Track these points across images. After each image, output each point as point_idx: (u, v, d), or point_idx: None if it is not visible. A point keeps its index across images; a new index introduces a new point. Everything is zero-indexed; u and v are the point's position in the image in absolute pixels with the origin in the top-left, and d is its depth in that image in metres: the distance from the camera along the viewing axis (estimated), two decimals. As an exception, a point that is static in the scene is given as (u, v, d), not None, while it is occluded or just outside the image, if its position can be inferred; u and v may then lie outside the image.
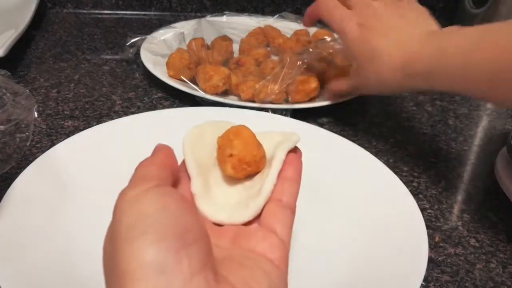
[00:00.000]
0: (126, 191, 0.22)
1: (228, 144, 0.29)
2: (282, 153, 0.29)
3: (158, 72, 0.60)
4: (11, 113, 0.41)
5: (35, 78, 0.62)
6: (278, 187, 0.28)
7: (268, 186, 0.27)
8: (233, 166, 0.29)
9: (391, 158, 0.52)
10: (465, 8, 0.76)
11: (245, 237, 0.26)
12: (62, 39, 0.75)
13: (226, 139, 0.29)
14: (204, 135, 0.32)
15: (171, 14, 0.88)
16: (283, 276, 0.24)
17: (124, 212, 0.21)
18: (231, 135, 0.29)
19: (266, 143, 0.30)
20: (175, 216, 0.20)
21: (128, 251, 0.19)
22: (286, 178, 0.29)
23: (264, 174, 0.29)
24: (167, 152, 0.27)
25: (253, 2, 0.89)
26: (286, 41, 0.71)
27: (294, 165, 0.29)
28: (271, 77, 0.56)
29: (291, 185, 0.28)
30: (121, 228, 0.20)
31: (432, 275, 0.37)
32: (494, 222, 0.44)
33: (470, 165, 0.53)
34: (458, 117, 0.62)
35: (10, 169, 0.40)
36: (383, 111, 0.62)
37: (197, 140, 0.31)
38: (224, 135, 0.30)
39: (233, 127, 0.30)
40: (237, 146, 0.28)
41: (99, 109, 0.56)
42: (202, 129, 0.32)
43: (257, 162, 0.29)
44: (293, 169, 0.29)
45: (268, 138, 0.31)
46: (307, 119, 0.54)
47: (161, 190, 0.22)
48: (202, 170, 0.29)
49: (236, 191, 0.29)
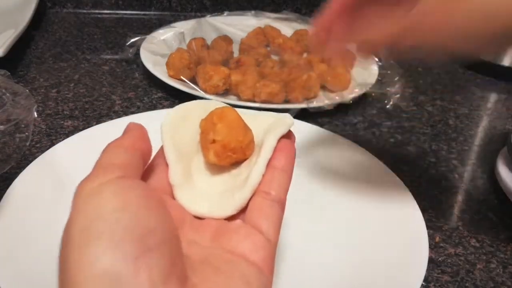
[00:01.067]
0: (83, 184, 0.19)
1: (211, 128, 0.26)
2: (273, 139, 0.26)
3: (158, 72, 0.60)
4: (11, 113, 0.41)
5: (35, 78, 0.62)
6: (267, 177, 0.25)
7: (254, 176, 0.24)
8: (216, 153, 0.25)
9: (391, 158, 0.52)
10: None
11: (226, 234, 0.23)
12: (62, 39, 0.75)
13: (210, 123, 0.26)
14: (188, 116, 0.28)
15: (171, 14, 0.88)
16: (266, 280, 0.21)
17: (79, 211, 0.18)
18: (214, 117, 0.26)
19: (256, 126, 0.27)
20: (137, 215, 0.18)
21: (79, 259, 0.16)
22: (276, 167, 0.25)
23: (252, 162, 0.26)
24: (139, 132, 0.24)
25: (253, 2, 0.89)
26: (286, 41, 0.71)
27: (286, 152, 0.26)
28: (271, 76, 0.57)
29: (281, 175, 0.25)
30: (74, 230, 0.17)
31: (432, 275, 0.37)
32: (494, 222, 0.44)
33: (471, 165, 0.53)
34: (458, 117, 0.62)
35: (9, 169, 0.40)
36: (383, 111, 0.62)
37: (180, 122, 0.28)
38: (208, 118, 0.26)
39: (218, 109, 0.26)
40: (220, 130, 0.25)
41: (99, 109, 0.56)
42: (187, 109, 0.29)
43: (244, 148, 0.26)
44: (285, 157, 0.26)
45: (258, 120, 0.28)
46: (307, 119, 0.54)
47: (124, 183, 0.19)
48: (183, 157, 0.26)
49: (221, 180, 0.26)
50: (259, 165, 0.25)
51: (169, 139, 0.26)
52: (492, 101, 0.68)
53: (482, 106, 0.66)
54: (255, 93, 0.56)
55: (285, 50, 0.68)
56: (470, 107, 0.65)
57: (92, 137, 0.46)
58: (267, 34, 0.73)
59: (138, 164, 0.22)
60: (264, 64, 0.62)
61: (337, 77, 0.61)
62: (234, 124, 0.26)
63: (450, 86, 0.71)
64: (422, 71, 0.75)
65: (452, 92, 0.69)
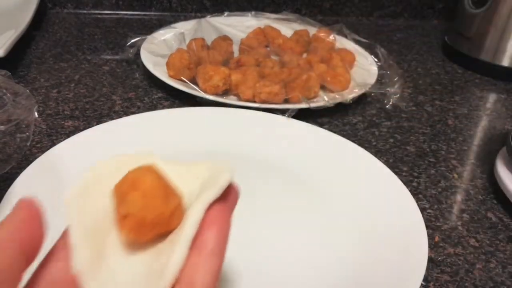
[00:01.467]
0: None
1: (122, 199, 0.20)
2: (199, 209, 0.20)
3: (158, 72, 0.60)
4: (12, 113, 0.42)
5: (35, 78, 0.63)
6: (191, 262, 0.19)
7: (172, 267, 0.19)
8: (130, 230, 0.20)
9: (391, 158, 0.52)
10: (465, 8, 0.76)
11: None
12: (62, 39, 0.75)
13: (120, 191, 0.21)
14: (102, 180, 0.23)
15: (171, 14, 0.88)
16: None
17: None
18: (125, 185, 0.21)
19: (188, 183, 0.23)
20: None
21: None
22: (202, 250, 0.19)
23: (177, 236, 0.20)
24: (28, 213, 0.19)
25: (253, 2, 0.90)
26: (286, 41, 0.71)
27: (217, 227, 0.20)
28: (271, 77, 0.57)
29: (208, 261, 0.19)
30: None
31: (432, 275, 0.38)
32: (493, 222, 0.44)
33: (470, 165, 0.53)
34: (457, 117, 0.62)
35: (10, 169, 0.40)
36: (383, 111, 0.62)
37: (92, 187, 0.22)
38: (119, 185, 0.21)
39: (131, 173, 0.21)
40: (134, 201, 0.20)
41: (99, 109, 0.56)
42: (102, 170, 0.23)
43: (167, 219, 0.21)
44: (215, 235, 0.20)
45: (191, 175, 0.23)
46: (307, 119, 0.54)
47: None
48: (95, 234, 0.21)
49: (140, 260, 0.21)
50: (179, 249, 0.19)
51: (75, 213, 0.21)
52: (492, 101, 0.68)
53: (481, 106, 0.66)
54: (255, 93, 0.56)
55: (285, 51, 0.68)
56: (470, 107, 0.65)
57: (92, 137, 0.46)
58: (267, 35, 0.73)
59: (12, 265, 0.17)
60: (264, 64, 0.62)
61: (337, 77, 0.61)
62: (152, 191, 0.20)
63: (450, 86, 0.71)
64: (422, 71, 0.75)
65: (451, 92, 0.69)
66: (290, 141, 0.50)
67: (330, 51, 0.69)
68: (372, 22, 0.95)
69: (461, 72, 0.76)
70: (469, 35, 0.76)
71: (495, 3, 0.72)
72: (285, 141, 0.49)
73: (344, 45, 0.73)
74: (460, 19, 0.79)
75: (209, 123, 0.51)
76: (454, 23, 0.81)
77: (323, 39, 0.72)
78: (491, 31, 0.73)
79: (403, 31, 0.91)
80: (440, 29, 0.93)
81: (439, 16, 0.97)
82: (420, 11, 0.96)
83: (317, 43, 0.71)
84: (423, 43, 0.86)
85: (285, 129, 0.52)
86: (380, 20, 0.95)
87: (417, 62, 0.78)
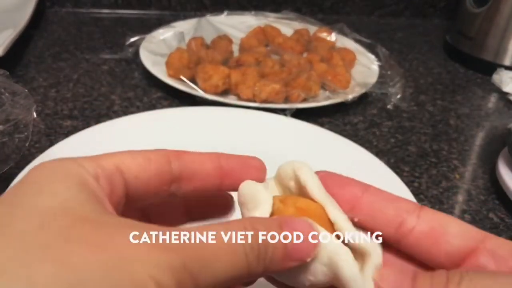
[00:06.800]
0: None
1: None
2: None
3: (158, 72, 0.60)
4: (10, 113, 0.41)
5: (34, 77, 0.62)
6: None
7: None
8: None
9: (392, 158, 0.52)
10: (466, 7, 0.76)
11: None
12: (61, 38, 0.75)
13: (282, 211, 0.21)
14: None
15: (170, 14, 0.88)
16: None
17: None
18: (291, 208, 0.20)
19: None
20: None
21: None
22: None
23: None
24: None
25: (253, 1, 0.89)
26: (286, 41, 0.71)
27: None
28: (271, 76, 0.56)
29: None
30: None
31: (434, 276, 0.37)
32: (495, 222, 0.44)
33: (471, 165, 0.52)
34: (459, 117, 0.62)
35: (8, 169, 0.40)
36: (384, 111, 0.61)
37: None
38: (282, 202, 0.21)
39: (300, 199, 0.21)
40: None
41: (98, 109, 0.56)
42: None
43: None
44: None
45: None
46: (307, 119, 0.54)
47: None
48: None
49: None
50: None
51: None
52: (493, 100, 0.68)
53: (483, 106, 0.66)
54: (255, 93, 0.56)
55: (285, 50, 0.68)
56: (471, 107, 0.65)
57: (91, 137, 0.46)
58: (267, 34, 0.73)
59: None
60: (264, 64, 0.62)
61: (337, 77, 0.61)
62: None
63: (451, 85, 0.71)
64: (423, 70, 0.75)
65: (453, 92, 0.69)
66: (290, 141, 0.49)
67: (330, 50, 0.68)
68: (373, 21, 0.94)
69: (462, 72, 0.76)
70: (470, 35, 0.76)
71: (496, 2, 0.71)
72: (285, 141, 0.49)
73: (345, 44, 0.72)
74: (461, 18, 0.78)
75: (208, 122, 0.51)
76: (455, 22, 0.81)
77: (323, 38, 0.72)
78: (492, 30, 0.73)
79: (404, 30, 0.91)
80: (442, 28, 0.92)
81: (440, 15, 0.97)
82: (422, 10, 0.96)
83: (317, 42, 0.71)
84: (424, 43, 0.86)
85: (285, 129, 0.51)
86: (381, 19, 0.95)
87: (418, 62, 0.78)
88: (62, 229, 0.15)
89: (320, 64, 0.63)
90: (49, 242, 0.15)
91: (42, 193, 0.16)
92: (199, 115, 0.52)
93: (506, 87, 0.68)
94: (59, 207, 0.16)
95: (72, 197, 0.16)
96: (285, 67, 0.61)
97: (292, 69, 0.60)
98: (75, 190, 0.17)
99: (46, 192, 0.16)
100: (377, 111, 0.61)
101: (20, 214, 0.15)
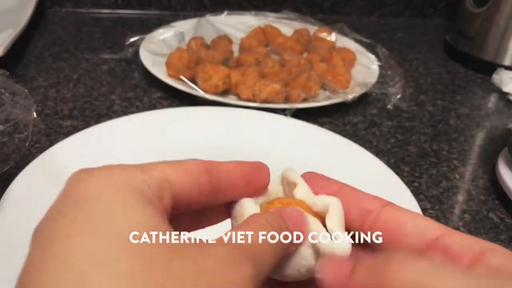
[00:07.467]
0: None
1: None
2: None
3: (158, 72, 0.60)
4: (10, 113, 0.41)
5: (34, 77, 0.62)
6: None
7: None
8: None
9: (392, 158, 0.52)
10: (466, 7, 0.76)
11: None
12: (61, 38, 0.75)
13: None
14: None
15: (170, 14, 0.88)
16: None
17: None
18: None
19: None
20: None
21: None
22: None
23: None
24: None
25: (253, 1, 0.89)
26: (286, 40, 0.71)
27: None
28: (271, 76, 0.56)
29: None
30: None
31: (434, 276, 0.37)
32: (495, 222, 0.44)
33: (471, 165, 0.52)
34: (459, 117, 0.62)
35: (8, 169, 0.40)
36: (384, 111, 0.61)
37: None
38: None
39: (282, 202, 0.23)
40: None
41: (98, 109, 0.56)
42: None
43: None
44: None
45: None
46: (307, 119, 0.54)
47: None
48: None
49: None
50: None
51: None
52: (493, 100, 0.68)
53: (483, 106, 0.66)
54: (255, 93, 0.56)
55: (285, 50, 0.68)
56: (471, 107, 0.65)
57: (91, 137, 0.46)
58: (267, 34, 0.73)
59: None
60: (264, 64, 0.62)
61: (337, 77, 0.61)
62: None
63: (451, 86, 0.71)
64: (423, 70, 0.75)
65: (453, 92, 0.69)
66: (290, 141, 0.49)
67: (330, 50, 0.68)
68: (373, 21, 0.94)
69: (462, 72, 0.76)
70: (470, 35, 0.76)
71: (496, 2, 0.71)
72: (285, 141, 0.49)
73: (345, 44, 0.72)
74: (461, 18, 0.78)
75: (208, 122, 0.51)
76: (455, 22, 0.81)
77: (323, 38, 0.72)
78: (492, 30, 0.73)
79: (404, 30, 0.91)
80: (442, 28, 0.92)
81: (440, 15, 0.97)
82: (422, 10, 0.96)
83: (317, 42, 0.71)
84: (424, 42, 0.86)
85: (285, 129, 0.51)
86: (381, 19, 0.95)
87: (418, 62, 0.78)
88: (156, 263, 0.15)
89: (320, 64, 0.63)
90: (153, 278, 0.15)
91: (115, 217, 0.16)
92: (199, 115, 0.52)
93: (506, 87, 0.68)
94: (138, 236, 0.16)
95: (145, 222, 0.16)
96: (285, 67, 0.61)
97: (292, 69, 0.60)
98: (144, 212, 0.17)
99: (119, 215, 0.16)
100: (377, 111, 0.61)
101: (107, 246, 0.15)
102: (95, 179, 0.18)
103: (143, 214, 0.17)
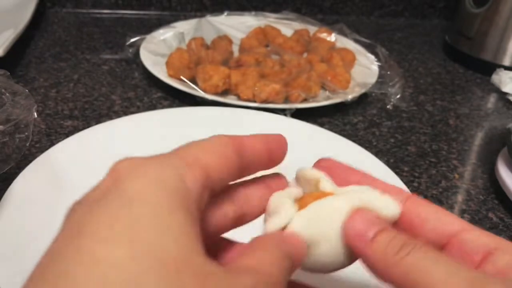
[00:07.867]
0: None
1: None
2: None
3: (158, 72, 0.60)
4: (11, 113, 0.41)
5: (34, 78, 0.62)
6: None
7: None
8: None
9: (392, 158, 0.52)
10: (466, 8, 0.76)
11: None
12: (62, 38, 0.75)
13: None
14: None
15: (170, 14, 0.88)
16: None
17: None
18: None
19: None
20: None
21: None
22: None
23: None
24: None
25: (253, 2, 0.89)
26: (286, 41, 0.71)
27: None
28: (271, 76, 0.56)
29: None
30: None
31: (433, 276, 0.37)
32: (494, 222, 0.44)
33: (471, 165, 0.52)
34: (458, 117, 0.62)
35: (9, 169, 0.40)
36: (383, 111, 0.62)
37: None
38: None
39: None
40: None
41: (99, 109, 0.56)
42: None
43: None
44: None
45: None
46: (307, 119, 0.54)
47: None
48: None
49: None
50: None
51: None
52: (493, 101, 0.68)
53: (482, 106, 0.66)
54: (255, 93, 0.56)
55: (285, 50, 0.68)
56: (471, 107, 0.65)
57: (91, 137, 0.46)
58: (267, 34, 0.73)
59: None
60: (264, 64, 0.62)
61: (337, 77, 0.61)
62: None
63: (450, 86, 0.71)
64: (422, 71, 0.75)
65: (452, 92, 0.69)
66: (290, 141, 0.49)
67: (330, 50, 0.68)
68: (373, 21, 0.94)
69: (462, 72, 0.76)
70: (470, 35, 0.76)
71: (496, 3, 0.71)
72: (285, 141, 0.49)
73: (345, 45, 0.72)
74: (461, 19, 0.79)
75: (208, 122, 0.51)
76: (455, 23, 0.81)
77: (323, 39, 0.72)
78: (492, 30, 0.73)
79: (403, 31, 0.91)
80: (441, 28, 0.93)
81: (440, 15, 0.97)
82: (421, 10, 0.96)
83: (317, 43, 0.71)
84: (424, 43, 0.86)
85: (285, 129, 0.51)
86: (381, 19, 0.95)
87: (418, 62, 0.78)
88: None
89: (320, 64, 0.63)
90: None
91: (157, 228, 0.16)
92: (199, 115, 0.52)
93: (505, 87, 0.68)
94: (176, 255, 0.16)
95: (182, 243, 0.16)
96: (285, 67, 0.61)
97: (292, 69, 0.60)
98: (182, 231, 0.16)
99: (160, 227, 0.16)
100: (377, 111, 0.62)
101: (139, 260, 0.15)
102: (141, 174, 0.17)
103: (180, 233, 0.16)
